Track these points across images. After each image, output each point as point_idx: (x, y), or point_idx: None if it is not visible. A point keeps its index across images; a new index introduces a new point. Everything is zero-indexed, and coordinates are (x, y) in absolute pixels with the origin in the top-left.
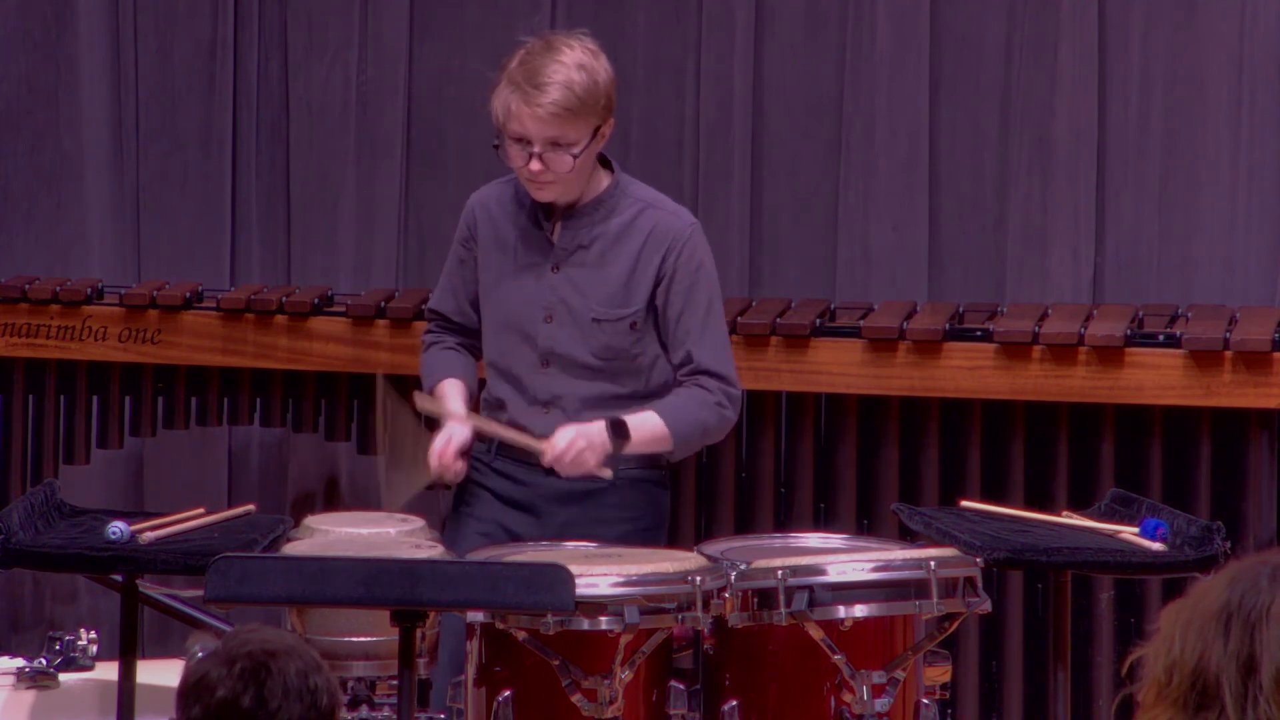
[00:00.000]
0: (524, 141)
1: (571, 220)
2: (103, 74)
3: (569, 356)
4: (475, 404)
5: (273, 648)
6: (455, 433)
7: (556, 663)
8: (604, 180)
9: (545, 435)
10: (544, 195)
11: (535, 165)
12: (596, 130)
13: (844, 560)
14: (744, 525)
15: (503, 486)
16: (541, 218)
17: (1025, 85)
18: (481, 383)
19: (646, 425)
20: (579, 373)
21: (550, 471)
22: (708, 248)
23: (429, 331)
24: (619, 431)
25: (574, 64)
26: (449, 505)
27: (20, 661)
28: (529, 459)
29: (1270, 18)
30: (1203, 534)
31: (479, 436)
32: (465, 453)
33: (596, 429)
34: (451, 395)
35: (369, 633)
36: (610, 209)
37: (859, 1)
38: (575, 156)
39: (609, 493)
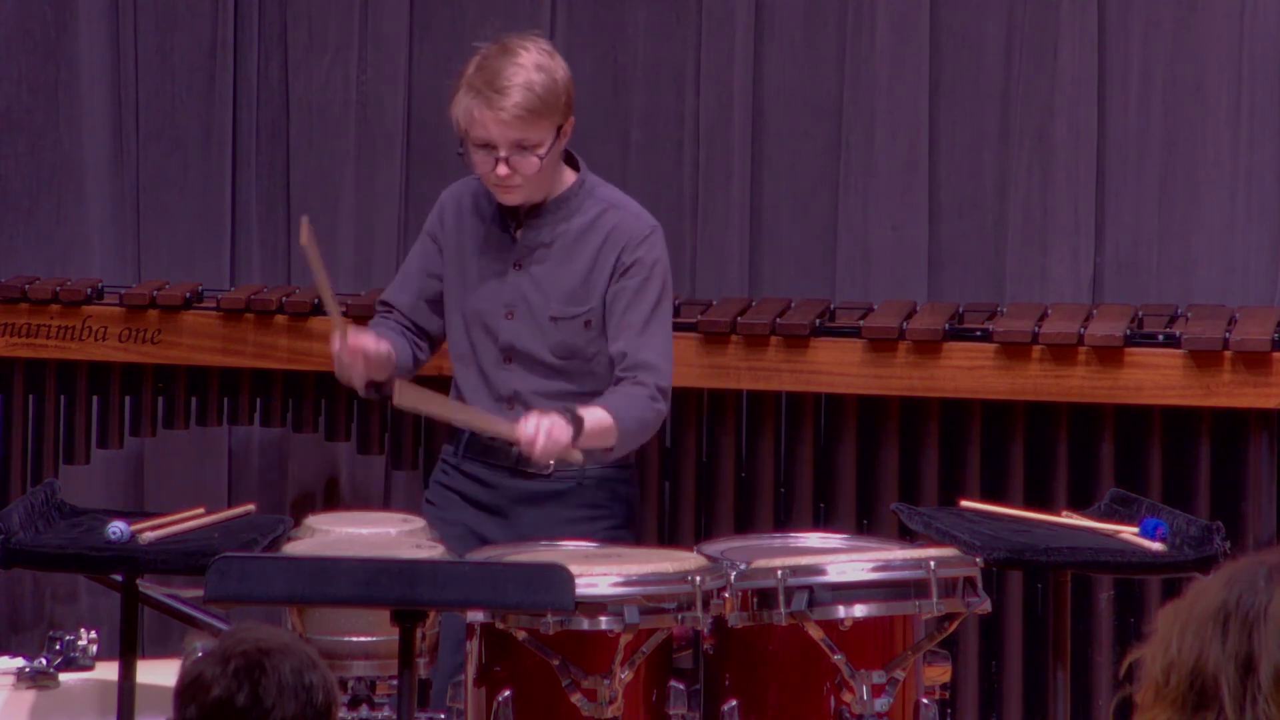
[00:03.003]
0: (489, 147)
1: (535, 219)
2: (103, 74)
3: (529, 353)
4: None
5: (268, 646)
6: (353, 332)
7: (556, 663)
8: (569, 178)
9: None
10: (511, 198)
11: (502, 170)
12: (559, 129)
13: (844, 560)
14: (744, 525)
15: (470, 489)
16: (505, 215)
17: (1025, 85)
18: (448, 379)
19: (597, 420)
20: (539, 370)
21: (517, 473)
22: (665, 251)
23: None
24: (575, 423)
25: (532, 65)
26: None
27: (20, 661)
28: (496, 460)
29: (1270, 18)
30: (1203, 534)
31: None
32: (368, 358)
33: (555, 417)
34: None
35: (369, 632)
36: (574, 208)
37: (859, 2)
38: (541, 158)
39: (576, 493)
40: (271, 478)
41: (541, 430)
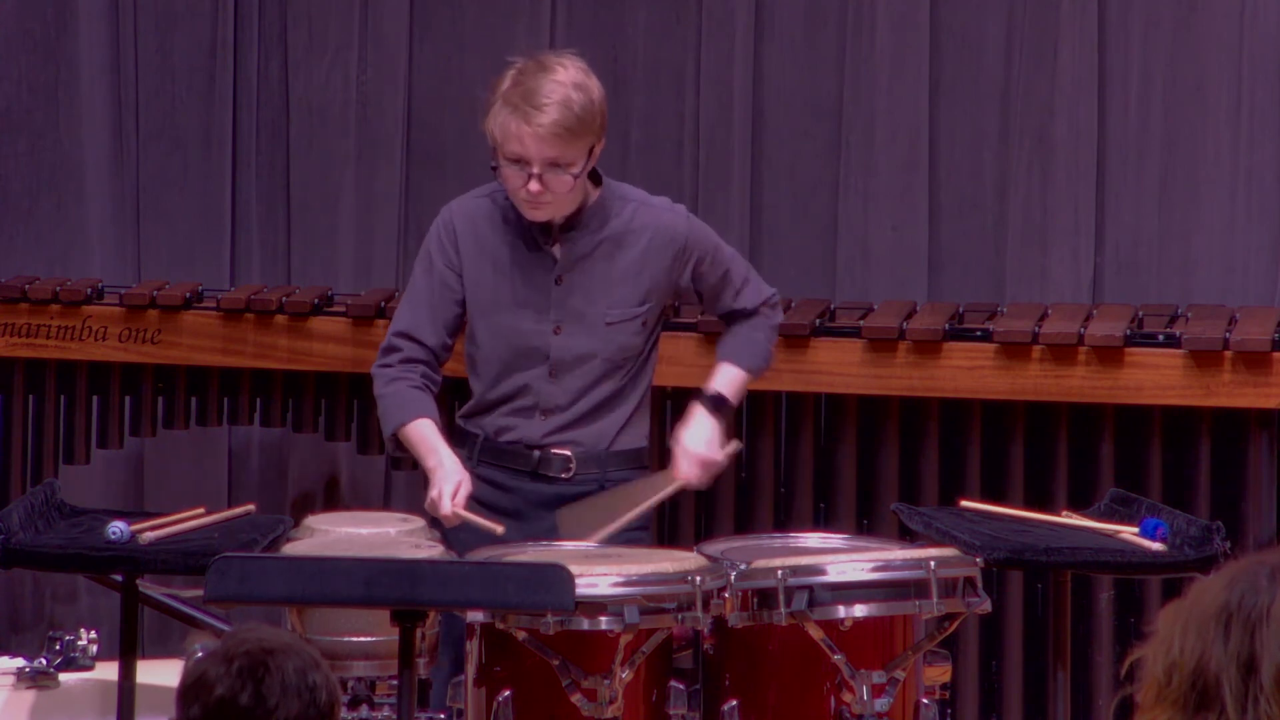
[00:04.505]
0: (522, 162)
1: (571, 233)
2: (103, 74)
3: (581, 364)
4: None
5: (271, 646)
6: (465, 482)
7: (556, 663)
8: (595, 193)
9: (546, 445)
10: (539, 215)
11: (534, 186)
12: (591, 149)
13: (844, 560)
14: (744, 525)
15: (488, 494)
16: (538, 233)
17: (1025, 85)
18: (454, 406)
19: (734, 380)
20: (589, 377)
21: (538, 477)
22: (700, 221)
23: (388, 365)
24: (721, 407)
25: (570, 83)
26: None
27: (20, 661)
28: (514, 464)
29: (1270, 18)
30: (1203, 534)
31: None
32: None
33: (706, 426)
34: (437, 438)
35: (369, 633)
36: (606, 214)
37: (859, 2)
38: (574, 176)
39: (595, 497)
40: (271, 478)
41: (701, 462)
